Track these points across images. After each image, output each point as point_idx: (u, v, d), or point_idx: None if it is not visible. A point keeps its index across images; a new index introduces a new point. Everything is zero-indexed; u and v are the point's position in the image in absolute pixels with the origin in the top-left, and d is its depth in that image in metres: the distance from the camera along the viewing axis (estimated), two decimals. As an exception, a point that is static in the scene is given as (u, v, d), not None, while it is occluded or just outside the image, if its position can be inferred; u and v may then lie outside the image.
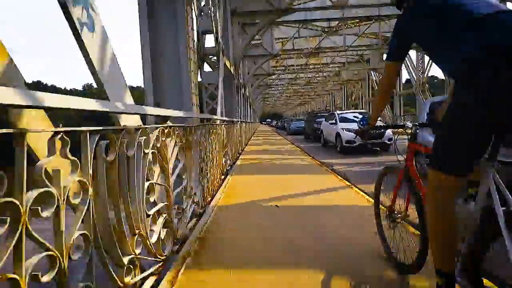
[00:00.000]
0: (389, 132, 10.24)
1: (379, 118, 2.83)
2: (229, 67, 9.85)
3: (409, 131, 2.04)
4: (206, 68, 8.68)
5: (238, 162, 8.08)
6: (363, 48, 24.00)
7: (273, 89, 42.22)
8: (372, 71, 30.19)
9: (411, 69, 23.27)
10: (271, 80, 34.90)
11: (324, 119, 15.52)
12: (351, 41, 23.12)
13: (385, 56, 2.45)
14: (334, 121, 11.85)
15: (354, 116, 12.16)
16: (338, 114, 12.24)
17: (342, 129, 10.75)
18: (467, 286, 1.50)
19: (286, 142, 16.69)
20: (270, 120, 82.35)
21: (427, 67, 22.36)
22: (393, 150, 3.01)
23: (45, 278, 1.06)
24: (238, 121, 10.64)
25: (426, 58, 22.23)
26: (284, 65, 29.89)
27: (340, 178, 5.65)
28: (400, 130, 2.21)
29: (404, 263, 2.04)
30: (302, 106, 74.88)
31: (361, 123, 2.39)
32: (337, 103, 46.00)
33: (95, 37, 2.66)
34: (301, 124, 26.25)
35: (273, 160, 8.56)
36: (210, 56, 9.02)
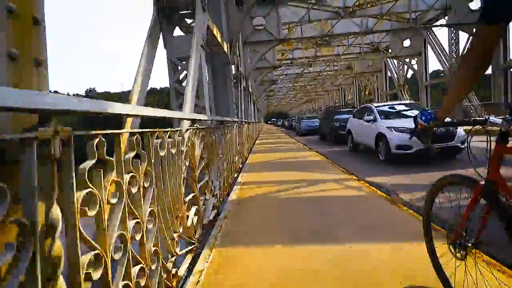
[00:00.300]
0: (461, 132, 6.89)
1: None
2: (219, 40, 6.56)
3: (496, 128, 1.40)
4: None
5: (234, 195, 4.66)
6: (385, 31, 20.58)
7: (278, 85, 38.72)
8: (390, 60, 26.69)
9: (442, 57, 19.74)
10: (276, 76, 31.48)
11: (348, 115, 12.25)
12: (370, 25, 19.84)
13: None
14: (371, 118, 8.46)
15: (391, 108, 8.83)
16: (375, 107, 8.85)
17: (389, 128, 7.36)
18: None
19: (300, 146, 13.31)
20: (275, 119, 78.65)
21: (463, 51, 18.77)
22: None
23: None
24: (237, 122, 7.35)
25: (462, 41, 18.79)
26: (290, 57, 26.53)
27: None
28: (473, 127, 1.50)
29: None
30: (308, 103, 71.28)
31: (423, 118, 1.58)
32: (348, 98, 42.32)
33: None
34: (314, 123, 22.87)
35: (295, 187, 5.18)
36: (188, 21, 5.72)
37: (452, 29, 18.78)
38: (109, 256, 1.11)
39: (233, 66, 11.33)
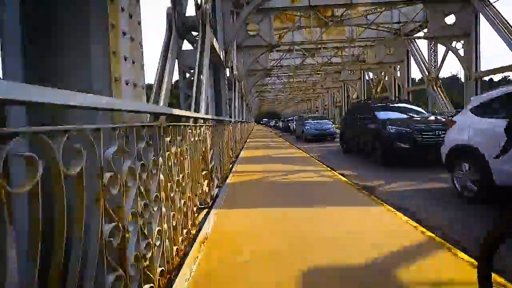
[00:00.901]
0: None
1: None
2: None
3: None
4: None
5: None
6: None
7: (272, 79, 32.33)
8: (415, 47, 20.69)
9: (509, 35, 13.79)
10: (270, 66, 25.11)
11: (401, 115, 6.56)
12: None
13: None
14: None
15: None
16: None
17: None
18: None
19: (329, 174, 6.98)
20: (267, 119, 71.67)
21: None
22: None
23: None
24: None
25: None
26: (288, 42, 20.18)
27: None
28: None
29: None
30: (303, 103, 65.36)
31: None
32: (353, 97, 35.91)
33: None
34: (323, 126, 16.75)
35: None
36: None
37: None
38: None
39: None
